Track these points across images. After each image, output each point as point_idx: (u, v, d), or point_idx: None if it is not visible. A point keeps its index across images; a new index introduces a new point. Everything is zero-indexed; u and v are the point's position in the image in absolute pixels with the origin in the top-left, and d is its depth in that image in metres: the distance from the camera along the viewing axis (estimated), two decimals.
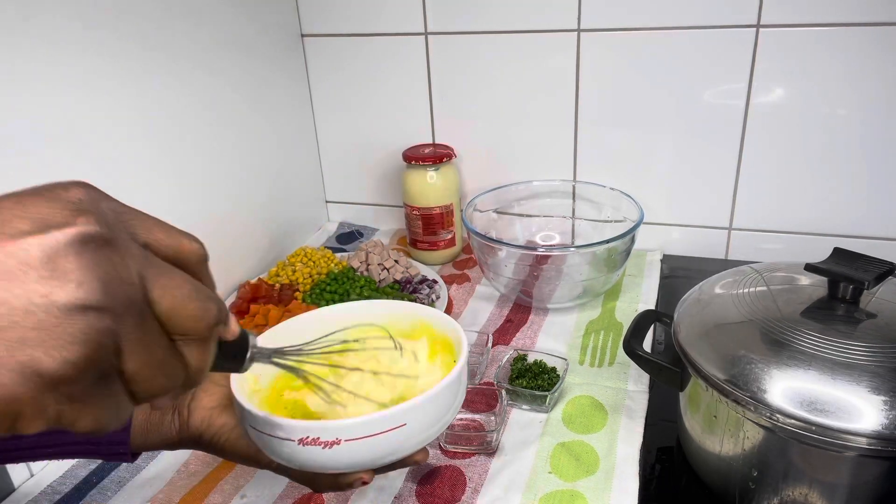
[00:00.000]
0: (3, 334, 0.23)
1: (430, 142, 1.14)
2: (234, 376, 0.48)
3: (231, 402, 0.52)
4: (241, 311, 0.92)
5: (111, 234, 0.27)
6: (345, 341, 0.54)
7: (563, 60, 1.01)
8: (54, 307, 0.24)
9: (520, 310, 0.93)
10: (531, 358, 0.79)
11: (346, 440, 0.44)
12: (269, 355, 0.43)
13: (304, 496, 0.64)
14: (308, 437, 0.43)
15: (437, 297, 0.94)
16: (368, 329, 0.55)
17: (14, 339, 0.23)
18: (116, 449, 0.52)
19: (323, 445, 0.44)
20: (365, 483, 0.49)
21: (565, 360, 0.77)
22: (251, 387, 0.51)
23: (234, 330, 0.36)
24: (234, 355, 0.38)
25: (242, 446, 0.51)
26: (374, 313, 0.58)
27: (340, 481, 0.49)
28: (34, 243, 0.24)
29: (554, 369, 0.77)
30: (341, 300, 0.91)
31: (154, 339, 0.28)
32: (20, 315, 0.23)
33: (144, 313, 0.27)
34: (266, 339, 0.52)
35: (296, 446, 0.44)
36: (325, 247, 1.13)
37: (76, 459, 0.70)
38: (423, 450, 0.50)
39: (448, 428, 0.69)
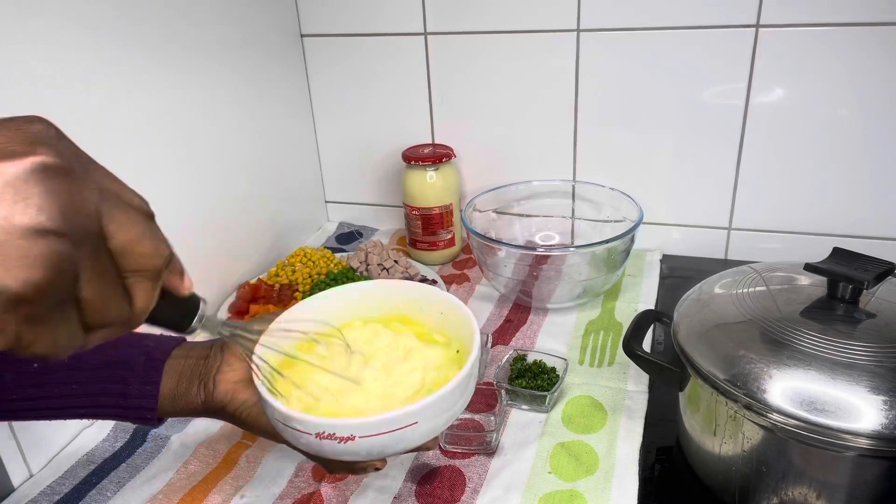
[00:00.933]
0: None
1: (430, 142, 1.14)
2: (254, 367, 0.50)
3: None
4: (240, 311, 0.92)
5: (70, 166, 0.27)
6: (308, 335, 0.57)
7: (563, 60, 1.01)
8: (16, 230, 0.24)
9: (519, 310, 0.93)
10: (531, 358, 0.79)
11: (360, 437, 0.47)
12: (220, 325, 0.45)
13: (304, 496, 0.64)
14: (324, 433, 0.47)
15: None
16: (332, 332, 0.57)
17: None
18: (144, 414, 0.54)
19: (338, 440, 0.47)
20: (377, 469, 0.52)
21: (565, 360, 0.77)
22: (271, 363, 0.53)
23: (187, 284, 0.38)
24: (182, 316, 0.40)
25: (263, 421, 0.53)
26: (392, 297, 0.62)
27: (354, 467, 0.52)
28: None
29: (553, 369, 0.77)
30: None
31: (107, 271, 0.29)
32: None
33: (100, 245, 0.28)
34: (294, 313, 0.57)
35: (313, 439, 0.47)
36: (325, 247, 1.13)
37: (76, 460, 0.70)
38: (433, 438, 0.52)
39: (448, 428, 0.70)
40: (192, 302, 0.40)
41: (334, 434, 0.47)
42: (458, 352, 0.57)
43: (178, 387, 0.55)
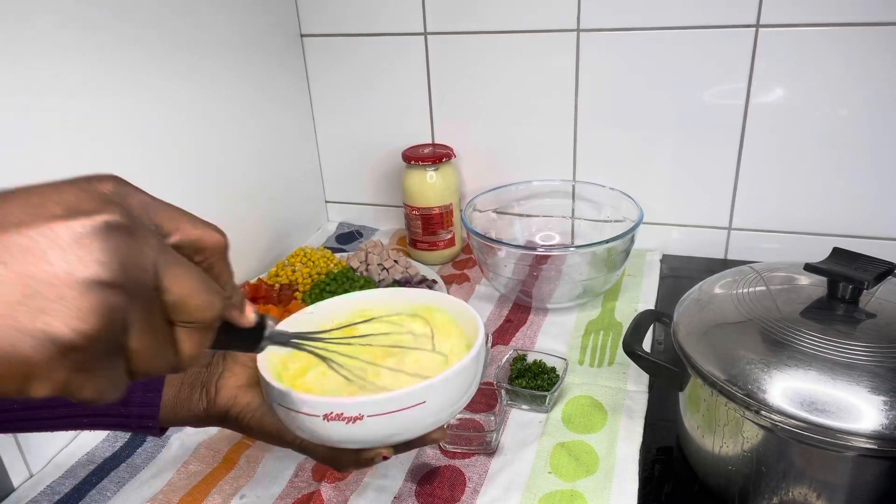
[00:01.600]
0: (28, 303, 0.25)
1: (430, 142, 1.14)
2: (261, 358, 0.50)
3: (256, 383, 0.54)
4: None
5: (133, 224, 0.29)
6: (364, 334, 0.56)
7: (563, 60, 1.01)
8: (75, 282, 0.26)
9: (519, 310, 0.93)
10: (531, 358, 0.79)
11: (368, 416, 0.46)
12: (289, 338, 0.45)
13: (304, 496, 0.64)
14: (332, 413, 0.46)
15: None
16: (394, 319, 0.57)
17: (36, 308, 0.26)
18: (146, 423, 0.54)
19: (347, 421, 0.46)
20: (385, 458, 0.51)
21: (565, 360, 0.77)
22: (278, 370, 0.52)
23: (249, 317, 0.40)
24: (250, 337, 0.42)
25: (267, 424, 0.53)
26: (390, 302, 0.61)
27: (362, 457, 0.51)
28: (64, 226, 0.27)
29: (553, 369, 0.77)
30: None
31: (158, 323, 0.30)
32: (44, 287, 0.26)
33: (153, 298, 0.30)
34: (288, 325, 0.54)
35: (321, 421, 0.46)
36: (325, 247, 1.13)
37: (76, 460, 0.70)
38: (441, 428, 0.52)
39: (448, 428, 0.70)
40: (259, 323, 0.42)
41: (342, 414, 0.46)
42: (467, 346, 0.56)
43: (179, 394, 0.55)
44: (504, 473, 0.65)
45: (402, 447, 0.53)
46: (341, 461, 0.53)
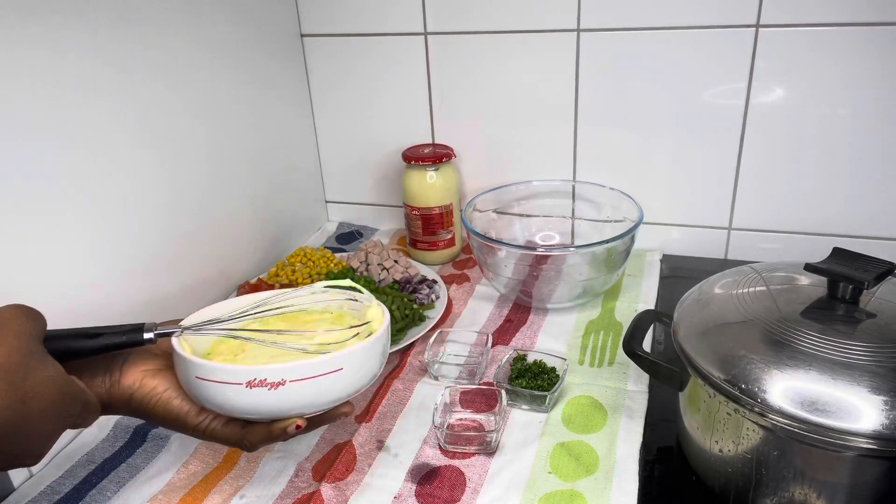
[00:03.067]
0: None
1: (430, 142, 1.14)
2: (176, 342, 0.54)
3: (162, 369, 0.56)
4: None
5: None
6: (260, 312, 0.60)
7: (563, 60, 1.01)
8: None
9: (519, 310, 0.93)
10: (531, 358, 0.79)
11: (290, 381, 0.50)
12: (181, 329, 0.53)
13: (304, 496, 0.64)
14: (255, 380, 0.49)
15: (437, 297, 0.94)
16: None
17: None
18: None
19: (269, 387, 0.49)
20: (299, 427, 0.53)
21: (565, 360, 0.77)
22: (189, 351, 0.54)
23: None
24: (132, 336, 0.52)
25: (173, 408, 0.54)
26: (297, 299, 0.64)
27: (275, 428, 0.53)
28: None
29: (553, 369, 0.77)
30: None
31: None
32: None
33: None
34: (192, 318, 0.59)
35: (243, 389, 0.49)
36: (325, 247, 1.13)
37: (76, 460, 0.70)
38: (348, 402, 0.56)
39: (448, 428, 0.70)
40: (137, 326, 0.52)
41: (265, 380, 0.49)
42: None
43: (80, 379, 0.54)
44: (504, 473, 0.65)
45: (314, 421, 0.55)
46: (250, 438, 0.54)
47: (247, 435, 0.54)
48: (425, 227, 1.06)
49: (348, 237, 1.22)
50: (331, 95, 1.16)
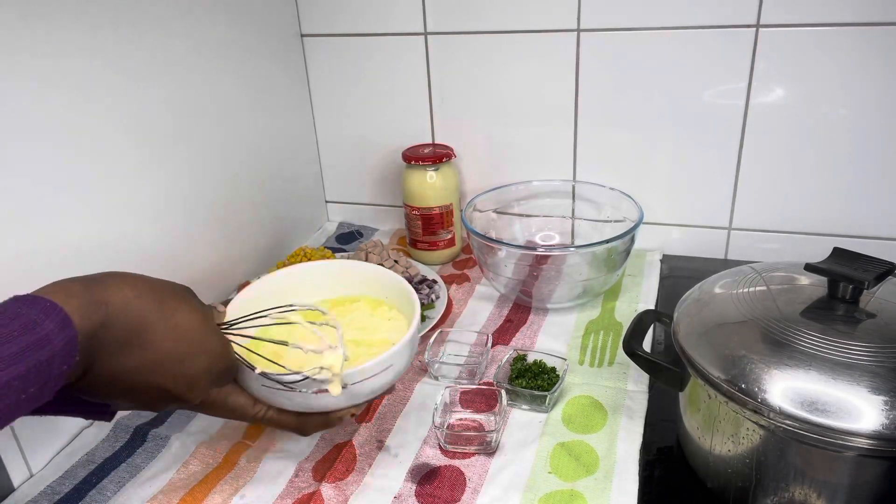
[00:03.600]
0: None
1: (430, 142, 1.14)
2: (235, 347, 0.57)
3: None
4: None
5: None
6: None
7: (563, 60, 1.01)
8: None
9: (519, 310, 0.93)
10: (531, 358, 0.79)
11: (352, 384, 0.56)
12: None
13: (304, 496, 0.64)
14: (320, 389, 0.55)
15: (437, 297, 0.94)
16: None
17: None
18: (98, 407, 0.55)
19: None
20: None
21: (565, 360, 0.77)
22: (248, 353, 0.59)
23: None
24: None
25: (229, 403, 0.58)
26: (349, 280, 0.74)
27: (331, 418, 0.59)
28: None
29: (553, 369, 0.77)
30: None
31: None
32: None
33: None
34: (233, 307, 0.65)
35: (309, 395, 0.56)
36: (325, 247, 1.13)
37: (76, 460, 0.70)
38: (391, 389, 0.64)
39: (448, 428, 0.70)
40: None
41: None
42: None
43: None
44: (504, 473, 0.65)
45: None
46: (307, 426, 0.59)
47: (304, 423, 0.59)
48: (425, 227, 1.06)
49: (348, 237, 1.22)
50: (331, 95, 1.16)
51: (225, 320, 0.59)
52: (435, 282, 0.98)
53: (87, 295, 0.44)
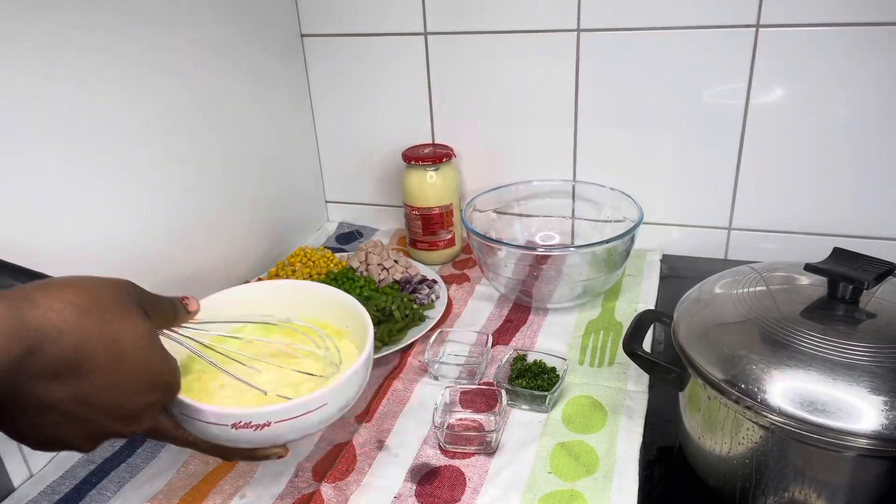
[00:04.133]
0: None
1: (430, 142, 1.14)
2: None
3: None
4: None
5: None
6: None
7: (563, 60, 1.01)
8: None
9: (519, 310, 0.93)
10: (531, 358, 0.79)
11: (275, 422, 0.51)
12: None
13: (305, 496, 0.64)
14: (241, 423, 0.50)
15: (437, 297, 0.94)
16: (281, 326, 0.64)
17: None
18: None
19: (254, 428, 0.50)
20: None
21: (565, 360, 0.77)
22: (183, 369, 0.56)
23: None
24: None
25: (160, 424, 0.52)
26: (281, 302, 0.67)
27: (256, 454, 0.54)
28: None
29: (553, 369, 0.77)
30: None
31: None
32: None
33: None
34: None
35: (229, 430, 0.50)
36: (325, 247, 1.13)
37: (76, 459, 0.70)
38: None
39: (448, 428, 0.70)
40: None
41: (250, 423, 0.50)
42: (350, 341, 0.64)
43: None
44: (504, 473, 0.65)
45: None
46: (230, 454, 0.54)
47: (227, 451, 0.54)
48: (425, 227, 1.06)
49: (348, 237, 1.22)
50: (331, 95, 1.16)
51: (191, 321, 0.56)
52: (435, 282, 0.98)
53: (11, 318, 0.38)
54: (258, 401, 0.56)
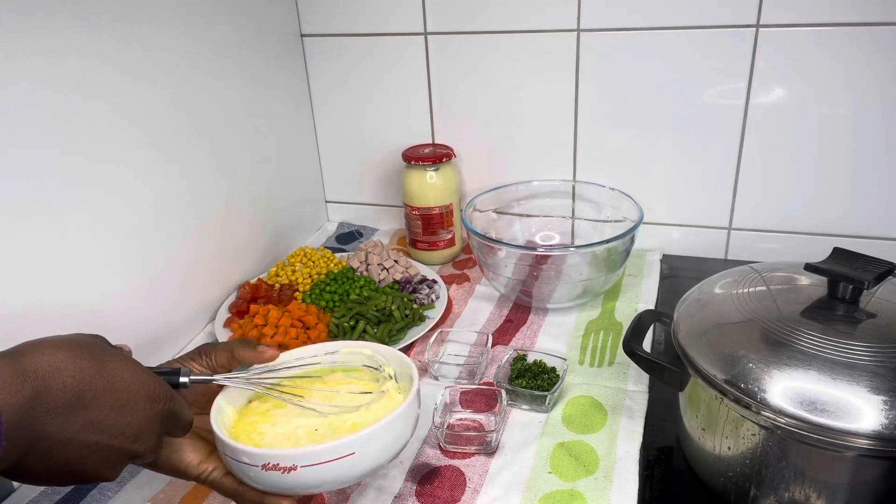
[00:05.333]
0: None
1: (430, 142, 1.14)
2: (214, 411, 0.56)
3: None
4: (240, 311, 0.92)
5: None
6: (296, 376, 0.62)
7: (563, 60, 1.01)
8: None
9: (519, 310, 0.93)
10: (531, 358, 0.79)
11: (301, 466, 0.50)
12: (210, 380, 0.56)
13: (304, 496, 0.64)
14: (269, 464, 0.50)
15: (437, 297, 0.94)
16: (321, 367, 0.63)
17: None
18: None
19: (282, 471, 0.50)
20: None
21: (565, 360, 0.77)
22: (230, 416, 0.58)
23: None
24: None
25: (173, 462, 0.55)
26: (330, 354, 0.64)
27: (266, 501, 0.54)
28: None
29: (554, 369, 0.77)
30: (341, 300, 0.91)
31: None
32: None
33: None
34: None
35: (259, 471, 0.51)
36: (325, 247, 1.13)
37: None
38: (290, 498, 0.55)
39: (448, 428, 0.70)
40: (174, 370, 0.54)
41: (278, 465, 0.50)
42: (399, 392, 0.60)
43: None
44: (504, 473, 0.65)
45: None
46: (244, 498, 0.55)
47: (241, 493, 0.55)
48: (425, 227, 1.06)
49: (348, 237, 1.22)
50: (331, 95, 1.16)
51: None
52: (435, 282, 0.98)
53: (10, 367, 0.41)
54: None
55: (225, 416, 0.57)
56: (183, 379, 0.53)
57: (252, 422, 0.58)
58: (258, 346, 0.59)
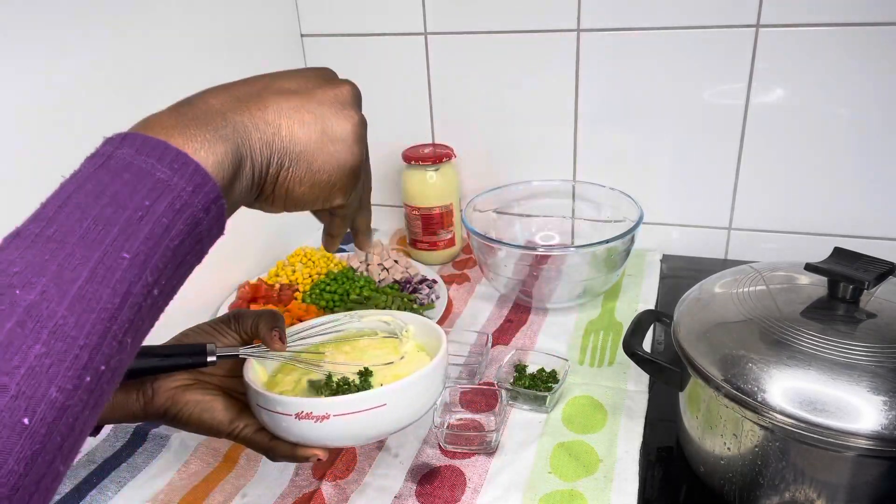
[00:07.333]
0: (338, 144, 0.48)
1: (430, 142, 1.14)
2: (246, 368, 0.57)
3: (191, 384, 0.58)
4: None
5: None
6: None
7: (563, 60, 1.01)
8: (349, 132, 0.50)
9: (519, 310, 0.93)
10: (531, 359, 0.79)
11: (334, 415, 0.52)
12: (236, 354, 0.56)
13: (305, 495, 0.64)
14: (302, 412, 0.52)
15: (437, 297, 0.94)
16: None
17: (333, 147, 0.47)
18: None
19: (315, 419, 0.52)
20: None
21: (566, 360, 0.77)
22: (260, 376, 0.59)
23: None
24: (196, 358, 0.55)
25: (205, 420, 0.56)
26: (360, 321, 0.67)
27: (297, 453, 0.55)
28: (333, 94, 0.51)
29: (554, 370, 0.77)
30: (341, 300, 0.91)
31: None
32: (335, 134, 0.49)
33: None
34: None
35: (293, 420, 0.52)
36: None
37: (77, 459, 0.70)
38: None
39: (448, 428, 0.70)
40: (201, 347, 0.55)
41: (311, 413, 0.51)
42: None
43: (114, 398, 0.54)
44: (504, 473, 0.65)
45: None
46: (276, 451, 0.56)
47: (273, 447, 0.56)
48: (425, 227, 1.06)
49: (348, 237, 1.22)
50: None
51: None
52: (435, 282, 0.98)
53: (250, 123, 0.44)
54: None
55: (256, 373, 0.58)
56: (211, 358, 0.55)
57: (281, 381, 0.60)
58: (274, 329, 0.58)
